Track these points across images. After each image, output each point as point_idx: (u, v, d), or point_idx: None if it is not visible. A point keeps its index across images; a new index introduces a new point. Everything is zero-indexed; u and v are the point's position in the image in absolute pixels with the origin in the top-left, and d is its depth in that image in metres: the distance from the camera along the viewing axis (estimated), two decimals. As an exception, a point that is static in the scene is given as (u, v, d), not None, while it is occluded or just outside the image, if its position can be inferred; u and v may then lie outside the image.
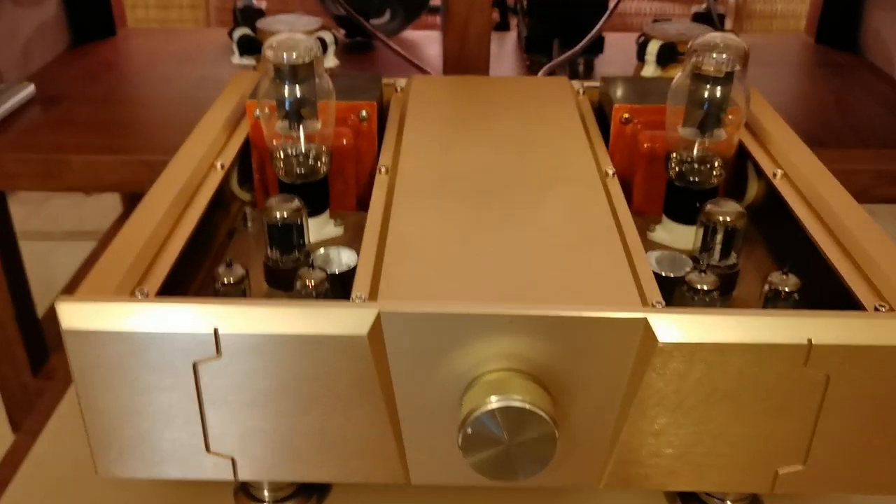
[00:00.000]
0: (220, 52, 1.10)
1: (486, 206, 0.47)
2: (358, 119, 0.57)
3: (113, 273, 0.38)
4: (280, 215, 0.46)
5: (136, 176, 0.81)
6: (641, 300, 0.39)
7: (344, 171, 0.57)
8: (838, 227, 0.45)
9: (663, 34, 0.85)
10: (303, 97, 0.50)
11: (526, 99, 0.62)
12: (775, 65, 1.08)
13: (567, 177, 0.50)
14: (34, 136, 0.84)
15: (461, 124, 0.57)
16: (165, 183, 0.47)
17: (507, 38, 1.20)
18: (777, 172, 0.52)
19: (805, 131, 0.88)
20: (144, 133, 0.87)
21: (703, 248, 0.48)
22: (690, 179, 0.52)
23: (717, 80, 0.48)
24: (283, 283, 0.47)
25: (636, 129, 0.57)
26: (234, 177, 0.57)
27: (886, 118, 0.91)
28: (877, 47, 1.07)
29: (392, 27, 1.14)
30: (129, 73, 1.05)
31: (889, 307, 0.38)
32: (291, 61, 0.49)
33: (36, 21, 1.02)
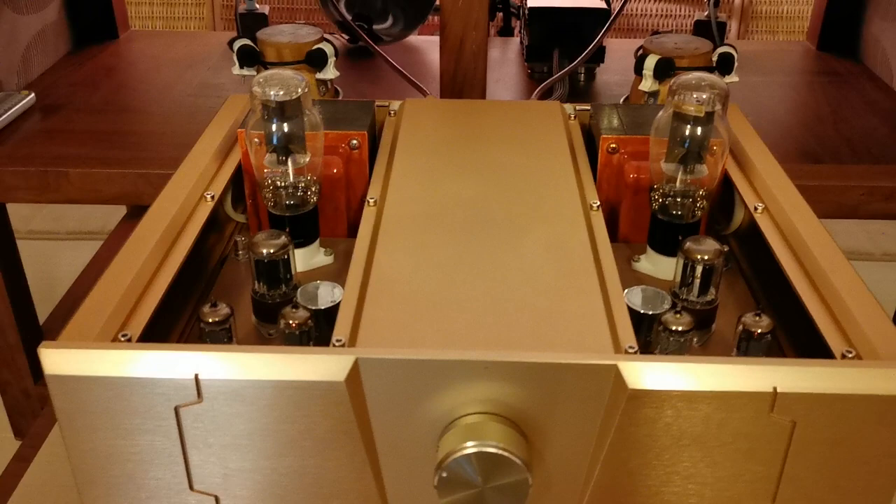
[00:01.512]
0: (221, 58, 1.10)
1: (469, 243, 0.48)
2: (349, 147, 0.58)
3: (97, 316, 0.39)
4: (266, 252, 0.47)
5: (134, 188, 0.82)
6: (614, 345, 0.40)
7: (335, 199, 0.58)
8: (814, 269, 0.45)
9: (661, 48, 0.85)
10: (290, 132, 0.51)
11: (517, 125, 0.63)
12: (775, 72, 1.09)
13: (551, 211, 0.51)
14: (32, 148, 0.85)
15: (451, 153, 0.58)
16: (154, 217, 0.48)
17: (511, 43, 1.21)
18: (758, 206, 0.52)
19: (800, 144, 0.89)
20: (143, 143, 0.88)
21: (683, 284, 0.49)
22: (673, 213, 0.52)
23: (697, 119, 0.49)
24: (269, 317, 0.48)
25: (623, 160, 0.58)
26: (228, 200, 0.58)
27: (881, 131, 0.91)
28: (876, 55, 1.07)
29: (395, 32, 1.14)
30: (129, 79, 1.06)
31: (856, 354, 0.39)
32: (279, 98, 0.50)
33: (36, 27, 1.03)
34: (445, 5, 0.75)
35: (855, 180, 0.81)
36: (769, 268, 0.49)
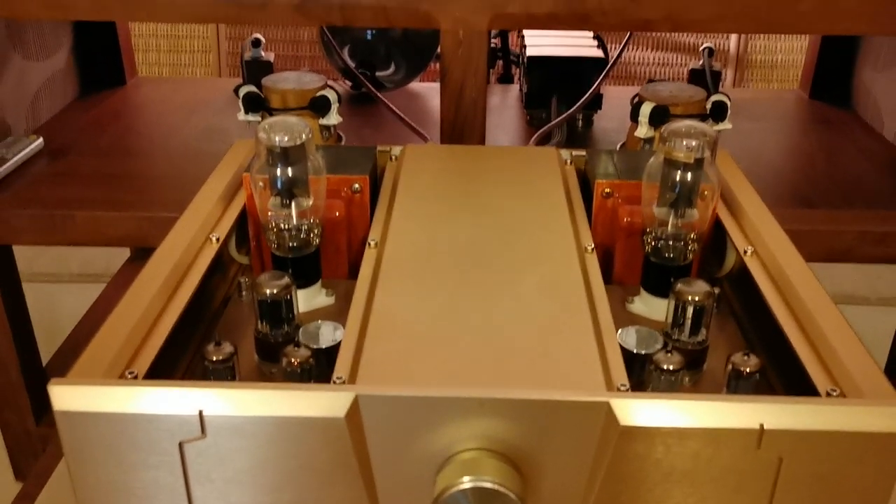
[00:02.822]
0: (227, 103, 1.13)
1: (467, 284, 0.49)
2: (351, 191, 0.60)
3: (104, 354, 0.41)
4: (269, 292, 0.48)
5: (139, 231, 0.84)
6: (606, 383, 0.41)
7: (336, 241, 0.59)
8: (801, 310, 0.47)
9: (656, 96, 0.88)
10: (294, 177, 0.53)
11: (514, 170, 0.64)
12: (769, 119, 1.11)
13: (546, 253, 0.53)
14: (39, 191, 0.87)
15: (450, 197, 0.60)
16: (160, 258, 0.50)
17: (510, 90, 1.23)
18: (748, 250, 0.54)
19: (793, 189, 0.91)
20: (149, 187, 0.90)
21: (674, 324, 0.50)
22: (665, 256, 0.54)
23: (687, 165, 0.51)
24: (272, 356, 0.49)
25: (617, 204, 0.59)
26: (233, 242, 0.60)
27: (872, 177, 0.93)
28: (867, 104, 1.09)
29: (397, 78, 1.17)
30: (136, 123, 1.08)
31: (840, 392, 0.40)
32: (283, 144, 0.52)
33: (46, 73, 1.06)
34: (446, 53, 0.78)
35: (847, 225, 0.83)
36: (758, 309, 0.51)
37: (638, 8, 0.74)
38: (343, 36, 1.11)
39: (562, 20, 0.75)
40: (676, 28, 0.76)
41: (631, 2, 0.74)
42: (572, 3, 0.74)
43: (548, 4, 0.74)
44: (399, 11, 0.75)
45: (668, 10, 0.74)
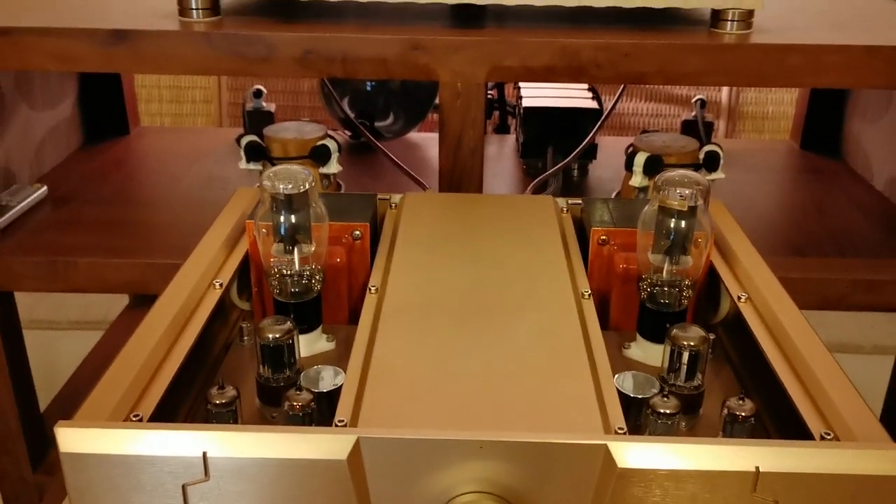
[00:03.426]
0: (227, 152, 1.15)
1: (466, 329, 0.50)
2: (352, 238, 0.61)
3: (109, 397, 0.41)
4: (272, 336, 0.49)
5: (141, 277, 0.84)
6: (604, 426, 0.42)
7: (337, 287, 0.60)
8: (794, 355, 0.48)
9: (650, 146, 0.89)
10: (297, 224, 0.54)
11: (511, 218, 0.66)
12: (761, 170, 1.13)
13: (544, 298, 0.54)
14: (42, 238, 0.88)
15: (449, 244, 0.61)
16: (165, 303, 0.51)
17: (507, 140, 1.25)
18: (742, 296, 0.55)
19: (785, 238, 0.92)
20: (151, 234, 0.91)
21: (671, 369, 0.51)
22: (660, 301, 0.55)
23: (681, 213, 0.52)
24: (273, 400, 0.50)
25: (612, 251, 0.60)
26: (234, 289, 0.61)
27: (863, 226, 0.94)
28: (857, 155, 1.11)
29: (396, 128, 1.19)
30: (139, 172, 1.10)
31: (834, 435, 0.41)
32: (287, 191, 0.53)
33: (51, 122, 1.08)
34: (444, 104, 0.80)
35: (839, 273, 0.84)
36: (753, 354, 0.51)
37: (631, 62, 0.76)
38: (343, 87, 1.13)
39: (558, 73, 0.77)
40: (669, 81, 0.78)
41: (625, 56, 0.76)
42: (568, 56, 0.76)
43: (544, 58, 0.77)
44: (399, 64, 0.77)
45: (661, 64, 0.76)
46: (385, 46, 0.76)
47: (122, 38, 0.76)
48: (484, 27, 0.80)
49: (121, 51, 0.76)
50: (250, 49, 0.76)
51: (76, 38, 0.76)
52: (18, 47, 0.77)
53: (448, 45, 0.76)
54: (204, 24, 0.78)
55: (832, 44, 0.76)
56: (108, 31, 0.76)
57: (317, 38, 0.76)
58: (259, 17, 0.81)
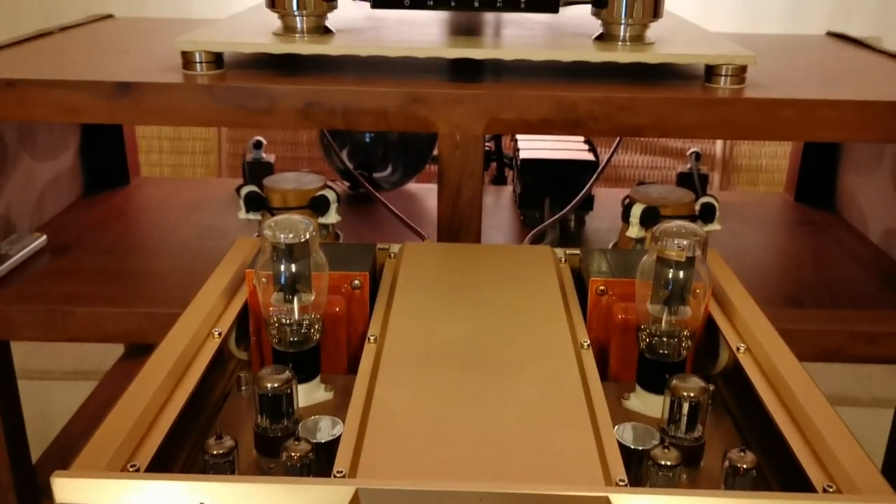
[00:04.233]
0: (227, 202, 1.16)
1: (465, 379, 0.50)
2: (351, 287, 0.61)
3: (107, 447, 0.41)
4: (270, 386, 0.49)
5: (138, 327, 0.84)
6: (605, 478, 0.41)
7: (336, 337, 0.60)
8: (795, 407, 0.47)
9: (646, 198, 0.90)
10: (298, 273, 0.54)
11: (510, 268, 0.66)
12: (757, 222, 1.14)
13: (543, 349, 0.54)
14: (41, 287, 0.88)
15: (447, 293, 0.61)
16: (164, 352, 0.51)
17: (504, 191, 1.26)
18: (741, 347, 0.55)
19: (782, 290, 0.92)
20: (149, 283, 0.91)
21: (671, 421, 0.50)
22: (659, 352, 0.55)
23: (679, 264, 0.52)
24: (271, 450, 0.49)
25: (611, 301, 0.61)
26: (233, 338, 0.61)
27: (860, 278, 0.95)
28: (851, 207, 1.12)
29: (395, 179, 1.20)
30: (138, 222, 1.10)
31: (836, 488, 0.41)
32: (288, 241, 0.53)
33: (52, 172, 1.09)
34: (443, 155, 0.81)
35: (836, 325, 0.84)
36: (753, 406, 0.51)
37: (627, 115, 0.78)
38: (342, 138, 1.15)
39: (555, 126, 0.79)
40: (664, 134, 0.79)
41: (620, 109, 0.78)
42: (565, 109, 0.78)
43: (541, 111, 0.78)
44: (399, 116, 0.78)
45: (656, 117, 0.78)
46: (385, 99, 0.78)
47: (126, 91, 0.77)
48: (482, 81, 0.81)
49: (125, 103, 0.78)
50: (253, 101, 0.78)
51: (81, 90, 0.77)
52: (24, 99, 0.78)
53: (447, 98, 0.78)
54: (207, 77, 0.80)
55: (824, 99, 0.77)
56: (112, 84, 0.77)
57: (318, 90, 0.78)
58: (261, 71, 0.82)
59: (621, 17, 0.80)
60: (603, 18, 0.82)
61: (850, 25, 1.66)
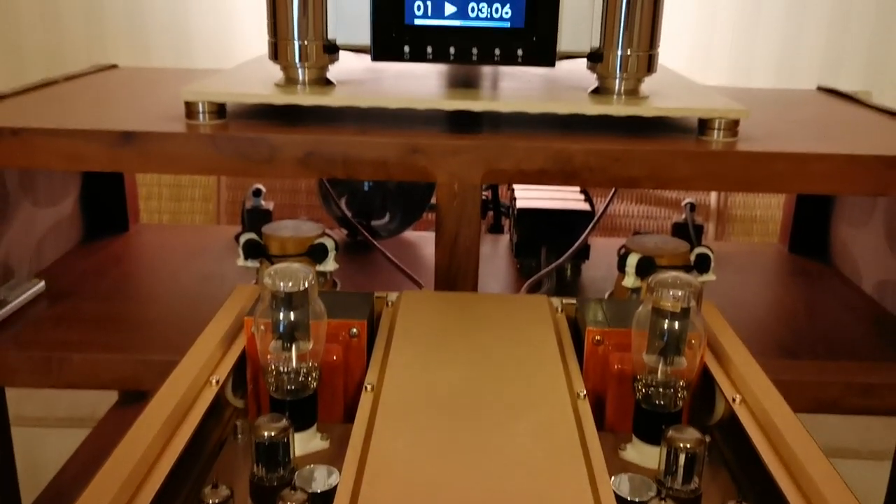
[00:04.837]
0: (225, 249, 1.16)
1: (462, 429, 0.50)
2: (349, 336, 0.61)
3: (103, 495, 0.41)
4: (268, 434, 0.49)
5: (134, 375, 0.84)
6: (602, 530, 0.41)
7: (333, 385, 0.61)
8: (791, 459, 0.48)
9: (642, 248, 0.91)
10: (296, 321, 0.55)
11: (507, 317, 0.66)
12: (751, 272, 1.15)
13: (539, 399, 0.54)
14: (37, 333, 0.88)
15: (445, 343, 0.62)
16: (161, 399, 0.51)
17: (501, 240, 1.27)
18: (736, 398, 0.55)
19: (777, 340, 0.93)
20: (146, 330, 0.91)
21: (667, 472, 0.50)
22: (656, 402, 0.55)
23: (674, 314, 0.53)
24: (267, 500, 0.49)
25: (607, 351, 0.61)
26: (229, 385, 0.61)
27: (854, 329, 0.95)
28: (845, 258, 1.13)
29: (393, 227, 1.21)
30: (137, 268, 1.11)
31: (835, 542, 0.41)
32: (288, 289, 0.54)
33: (52, 219, 1.09)
34: (441, 205, 0.82)
35: (832, 376, 0.84)
36: (749, 458, 0.51)
37: (622, 166, 0.79)
38: (341, 186, 1.16)
39: (551, 176, 0.80)
40: (659, 186, 0.80)
41: (615, 160, 0.79)
42: (561, 161, 0.79)
43: (538, 162, 0.79)
44: (398, 166, 0.79)
45: (651, 169, 0.79)
46: (385, 149, 0.79)
47: (129, 140, 0.79)
48: (480, 132, 0.83)
49: (128, 151, 0.79)
50: (254, 150, 0.79)
51: (85, 139, 0.79)
52: (28, 147, 0.79)
53: (445, 148, 0.79)
54: (210, 127, 0.81)
55: (816, 152, 0.79)
56: (116, 133, 0.79)
57: (319, 140, 0.79)
58: (263, 121, 0.84)
59: (616, 71, 0.82)
60: (598, 72, 0.84)
61: (841, 80, 1.70)
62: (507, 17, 0.79)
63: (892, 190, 0.79)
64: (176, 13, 1.75)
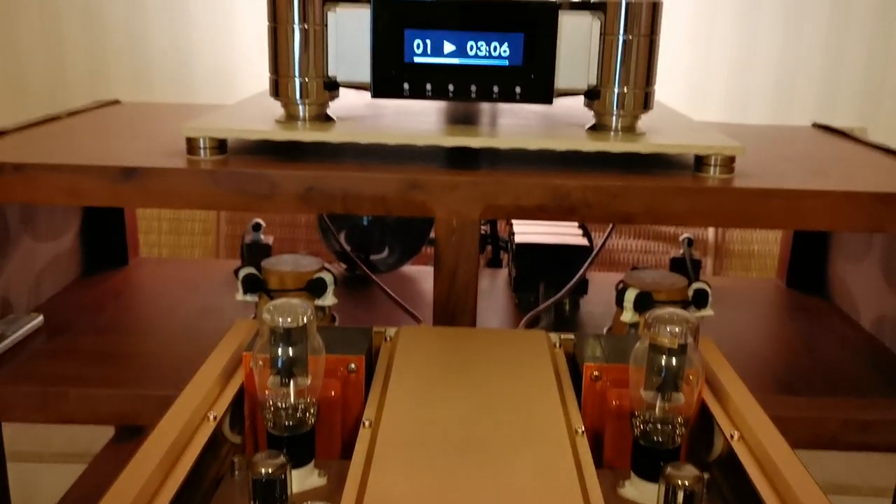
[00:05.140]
0: (224, 283, 1.16)
1: (460, 465, 0.50)
2: (347, 371, 0.61)
3: (102, 533, 0.41)
4: (265, 471, 0.49)
5: (132, 409, 0.84)
6: (600, 568, 0.41)
7: (331, 421, 0.60)
8: (789, 496, 0.47)
9: (640, 283, 0.91)
10: (295, 357, 0.55)
11: (505, 353, 0.67)
12: (749, 307, 1.15)
13: (537, 435, 0.54)
14: (35, 367, 0.88)
15: (443, 378, 0.62)
16: (159, 436, 0.51)
17: (499, 275, 1.28)
18: (734, 434, 0.55)
19: (776, 376, 0.93)
20: (144, 364, 0.91)
21: (666, 509, 0.50)
22: (654, 439, 0.55)
23: (671, 350, 0.53)
24: (263, 537, 0.49)
25: (605, 387, 0.61)
26: (227, 421, 0.61)
27: (852, 365, 0.95)
28: (842, 294, 1.14)
29: (391, 262, 1.21)
30: (136, 302, 1.11)
31: (835, 582, 0.40)
32: (286, 325, 0.54)
33: (52, 253, 1.10)
34: (440, 240, 0.82)
35: (830, 412, 0.84)
36: (748, 495, 0.51)
37: (620, 202, 0.80)
38: (340, 221, 1.17)
39: (549, 212, 0.80)
40: (656, 221, 0.81)
41: (613, 197, 0.79)
42: (559, 196, 0.80)
43: (536, 197, 0.80)
44: (397, 201, 0.80)
45: (648, 205, 0.79)
46: (384, 185, 0.79)
47: (130, 175, 0.79)
48: (479, 168, 0.83)
49: (129, 187, 0.79)
50: (254, 186, 0.79)
51: (87, 175, 0.79)
52: (31, 182, 0.79)
53: (444, 184, 0.80)
54: (210, 163, 0.82)
55: (811, 189, 0.79)
56: (118, 168, 0.79)
57: (318, 176, 0.79)
58: (264, 157, 0.85)
59: (613, 108, 0.83)
60: (595, 109, 0.85)
61: (836, 117, 1.71)
62: (506, 55, 0.80)
63: (887, 226, 0.80)
64: (178, 49, 1.77)
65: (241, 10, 1.74)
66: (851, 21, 1.69)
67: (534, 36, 0.79)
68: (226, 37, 1.76)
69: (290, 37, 0.81)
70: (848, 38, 1.70)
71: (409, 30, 0.79)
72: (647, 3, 0.80)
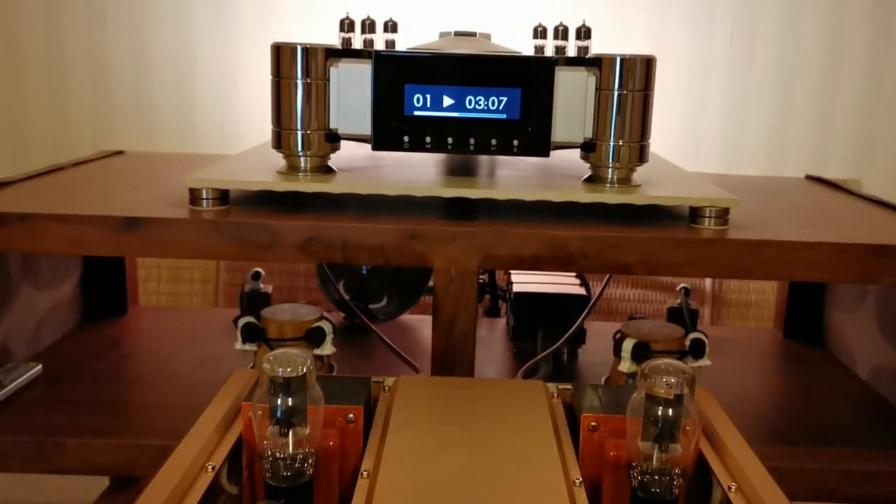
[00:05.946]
0: (223, 332, 1.17)
1: (458, 516, 0.50)
2: (345, 421, 0.62)
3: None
4: (263, 522, 0.49)
5: (128, 460, 0.84)
6: None
7: (329, 472, 0.60)
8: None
9: (637, 333, 0.92)
10: (294, 407, 0.55)
11: (503, 403, 0.67)
12: (746, 357, 1.15)
13: (535, 486, 0.54)
14: (32, 417, 0.88)
15: (441, 429, 0.62)
16: (157, 487, 0.51)
17: (498, 324, 1.28)
18: (732, 486, 0.55)
19: (774, 427, 0.93)
20: (141, 414, 0.91)
21: (665, 561, 0.50)
22: (651, 490, 0.55)
23: (668, 401, 0.54)
24: (260, 589, 0.49)
25: (603, 437, 0.61)
26: (225, 472, 0.61)
27: (850, 415, 0.95)
28: (840, 344, 1.14)
29: (390, 310, 1.22)
30: (134, 351, 1.11)
31: None
32: (286, 375, 0.54)
33: (52, 301, 1.10)
34: (439, 289, 0.83)
35: (829, 463, 0.84)
36: (747, 546, 0.51)
37: (616, 253, 0.81)
38: (339, 270, 1.17)
39: (547, 262, 0.81)
40: (652, 272, 0.82)
41: (609, 247, 0.80)
42: (556, 247, 0.81)
43: (533, 248, 0.81)
44: (396, 251, 0.81)
45: (644, 256, 0.80)
46: (383, 235, 0.80)
47: (133, 225, 0.80)
48: (477, 219, 0.84)
49: (131, 236, 0.80)
50: (255, 236, 0.80)
51: (90, 225, 0.80)
52: (34, 232, 0.80)
53: (443, 234, 0.81)
54: (212, 213, 0.83)
55: (805, 240, 0.80)
56: (120, 219, 0.80)
57: (318, 226, 0.80)
58: (265, 207, 0.86)
59: (609, 160, 0.84)
60: (591, 161, 0.87)
61: (829, 169, 1.74)
62: (504, 109, 0.81)
63: (880, 278, 0.81)
64: (182, 101, 1.80)
65: (245, 62, 1.78)
66: (842, 75, 1.72)
67: (531, 91, 0.81)
68: (230, 88, 1.79)
69: (293, 91, 0.83)
70: (839, 91, 1.73)
71: (410, 84, 0.81)
72: (642, 59, 0.82)
